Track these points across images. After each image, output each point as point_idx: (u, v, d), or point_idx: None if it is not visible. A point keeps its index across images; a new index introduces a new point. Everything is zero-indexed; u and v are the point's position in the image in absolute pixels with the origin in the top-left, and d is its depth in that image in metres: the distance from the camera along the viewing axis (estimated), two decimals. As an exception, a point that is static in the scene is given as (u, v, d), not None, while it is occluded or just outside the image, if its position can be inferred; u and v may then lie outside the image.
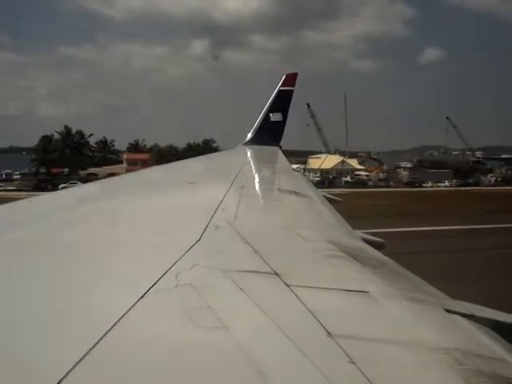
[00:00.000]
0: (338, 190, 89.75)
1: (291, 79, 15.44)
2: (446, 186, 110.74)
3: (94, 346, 1.48)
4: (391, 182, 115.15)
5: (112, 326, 1.61)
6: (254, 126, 15.06)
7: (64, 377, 1.32)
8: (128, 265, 2.39)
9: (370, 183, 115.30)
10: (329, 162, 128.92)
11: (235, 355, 1.52)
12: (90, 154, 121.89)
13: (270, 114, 15.01)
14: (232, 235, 3.07)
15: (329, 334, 1.70)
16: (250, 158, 11.25)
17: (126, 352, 1.53)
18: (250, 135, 14.95)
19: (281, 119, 15.08)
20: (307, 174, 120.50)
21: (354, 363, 1.50)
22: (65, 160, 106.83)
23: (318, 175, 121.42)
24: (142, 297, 1.87)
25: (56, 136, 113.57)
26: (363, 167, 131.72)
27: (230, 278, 2.18)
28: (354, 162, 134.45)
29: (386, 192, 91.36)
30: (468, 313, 2.21)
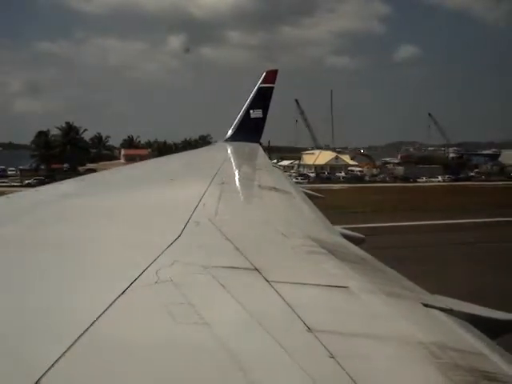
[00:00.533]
0: (337, 186, 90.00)
1: (271, 76, 15.44)
2: (439, 182, 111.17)
3: (75, 341, 1.47)
4: (387, 178, 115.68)
5: (93, 322, 1.60)
6: (234, 122, 15.04)
7: (46, 372, 1.31)
8: (108, 261, 2.38)
9: (366, 179, 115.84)
10: (322, 157, 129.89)
11: (216, 351, 1.52)
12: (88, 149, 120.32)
13: (251, 111, 14.99)
14: (212, 231, 3.07)
15: (309, 329, 1.71)
16: (231, 155, 11.24)
17: (106, 348, 1.52)
18: (230, 132, 14.91)
19: (261, 116, 15.08)
20: (302, 169, 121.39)
21: (333, 358, 1.52)
22: (66, 156, 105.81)
23: (312, 171, 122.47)
24: (122, 293, 1.87)
25: (55, 132, 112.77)
26: (356, 163, 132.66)
27: (211, 274, 2.18)
28: (346, 158, 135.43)
29: (390, 187, 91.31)
30: (446, 307, 2.24)
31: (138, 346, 1.54)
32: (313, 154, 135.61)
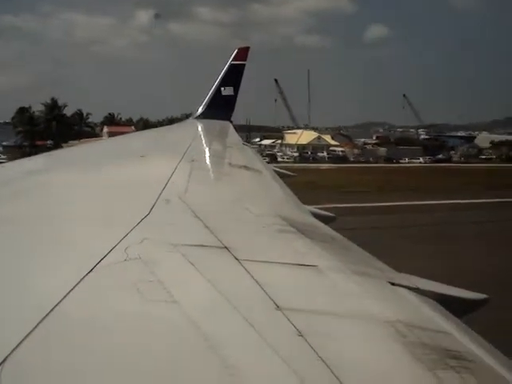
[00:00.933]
0: (325, 166, 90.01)
1: (243, 53, 15.30)
2: (420, 163, 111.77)
3: (43, 319, 1.46)
4: (370, 158, 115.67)
5: (61, 300, 1.59)
6: (205, 99, 14.90)
7: (13, 350, 1.30)
8: (77, 238, 2.35)
9: (351, 159, 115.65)
10: (305, 137, 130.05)
11: (185, 329, 1.53)
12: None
13: (222, 88, 14.86)
14: (182, 209, 3.05)
15: (278, 307, 1.72)
16: (201, 132, 11.15)
17: (74, 326, 1.51)
18: (200, 109, 14.76)
19: (232, 93, 14.98)
20: (284, 149, 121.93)
21: (301, 336, 1.54)
22: (50, 132, 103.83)
23: (295, 150, 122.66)
24: (90, 270, 1.85)
25: (39, 108, 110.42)
26: (337, 143, 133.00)
27: (180, 252, 2.17)
28: (328, 138, 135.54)
29: (378, 167, 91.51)
30: (413, 286, 2.28)
31: (107, 324, 1.53)
32: (295, 133, 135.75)
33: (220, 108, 14.55)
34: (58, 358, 1.35)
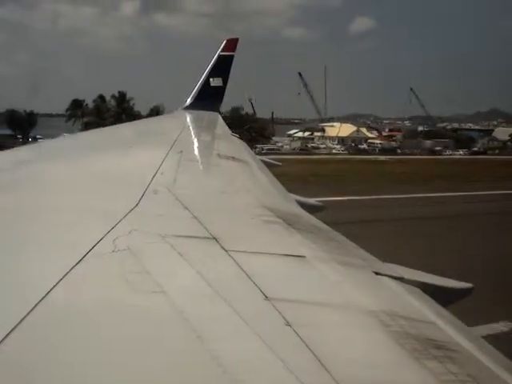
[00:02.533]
0: (382, 158, 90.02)
1: (232, 44, 15.24)
2: (460, 155, 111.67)
3: (31, 310, 1.46)
4: (415, 150, 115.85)
5: (49, 291, 1.59)
6: (194, 90, 14.83)
7: (2, 340, 1.30)
8: (65, 230, 2.35)
9: (398, 151, 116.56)
10: (344, 130, 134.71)
11: (173, 319, 1.53)
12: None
13: (210, 79, 14.80)
14: (171, 200, 3.06)
15: (266, 297, 1.74)
16: (189, 123, 11.11)
17: (63, 317, 1.51)
18: (189, 100, 14.69)
19: (221, 84, 14.93)
20: (324, 141, 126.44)
21: (289, 325, 1.55)
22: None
23: (336, 142, 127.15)
24: (79, 261, 1.85)
25: (108, 100, 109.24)
26: (374, 136, 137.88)
27: (169, 243, 2.18)
28: (365, 131, 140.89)
29: (447, 159, 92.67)
30: (398, 276, 2.31)
31: (95, 315, 1.54)
32: (332, 126, 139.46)
33: (208, 99, 14.49)
34: (46, 349, 1.35)
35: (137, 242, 2.15)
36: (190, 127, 10.60)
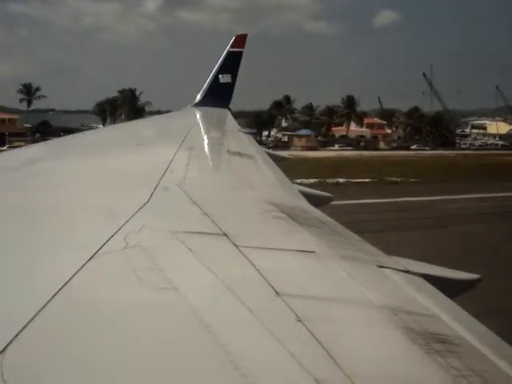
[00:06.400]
0: None
1: (241, 40, 15.19)
2: None
3: (44, 307, 1.47)
4: None
5: (61, 287, 1.60)
6: (203, 87, 14.83)
7: (14, 338, 1.31)
8: (76, 227, 2.37)
9: None
10: (502, 128, 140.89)
11: (184, 315, 1.54)
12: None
13: (220, 76, 14.78)
14: (181, 197, 3.07)
15: (277, 293, 1.74)
16: (199, 120, 11.12)
17: (75, 313, 1.52)
18: (198, 97, 14.68)
19: (230, 81, 14.90)
20: (486, 138, 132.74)
21: (300, 321, 1.56)
22: None
23: (497, 139, 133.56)
24: (90, 258, 1.86)
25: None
26: None
27: (179, 240, 2.19)
28: None
29: None
30: (404, 269, 2.30)
31: (107, 311, 1.55)
32: (491, 124, 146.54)
33: (218, 95, 14.48)
34: (59, 346, 1.36)
35: (148, 238, 2.16)
36: (200, 124, 10.61)
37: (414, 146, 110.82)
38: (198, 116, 11.81)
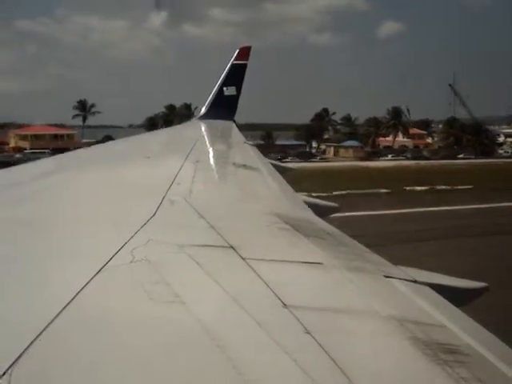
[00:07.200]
0: None
1: (245, 53, 15.26)
2: None
3: (52, 321, 1.48)
4: None
5: (68, 302, 1.60)
6: (208, 100, 14.89)
7: (23, 352, 1.31)
8: (83, 240, 2.37)
9: None
10: None
11: (192, 329, 1.54)
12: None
13: (224, 88, 14.84)
14: (187, 210, 3.07)
15: (284, 305, 1.74)
16: (205, 133, 11.17)
17: (83, 327, 1.52)
18: (203, 109, 14.75)
19: (235, 93, 14.95)
20: None
21: (309, 333, 1.55)
22: None
23: None
24: (97, 272, 1.87)
25: (179, 108, 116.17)
26: None
27: (186, 253, 2.19)
28: None
29: None
30: (410, 278, 2.29)
31: (115, 326, 1.55)
32: None
33: (223, 108, 14.53)
34: (68, 360, 1.36)
35: (155, 251, 2.17)
36: (205, 136, 10.64)
37: (460, 155, 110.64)
38: (203, 128, 11.85)
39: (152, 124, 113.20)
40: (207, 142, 9.61)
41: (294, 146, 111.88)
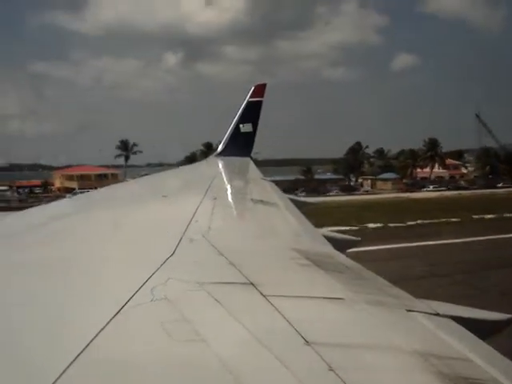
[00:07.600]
0: None
1: (260, 90, 15.46)
2: None
3: (73, 362, 1.47)
4: None
5: (89, 343, 1.60)
6: (225, 137, 15.04)
7: None
8: (102, 280, 2.38)
9: None
10: None
11: (214, 368, 1.52)
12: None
13: (240, 125, 14.99)
14: (206, 247, 3.07)
15: (307, 342, 1.71)
16: (222, 169, 11.26)
17: (103, 368, 1.52)
18: (220, 146, 14.90)
19: (251, 130, 15.09)
20: None
21: (332, 370, 1.53)
22: None
23: None
24: (117, 312, 1.87)
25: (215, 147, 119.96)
26: None
27: (206, 291, 2.18)
28: None
29: None
30: (432, 312, 2.25)
31: (136, 366, 1.54)
32: None
33: (239, 145, 14.66)
34: None
35: (174, 290, 2.16)
36: (223, 173, 10.72)
37: (500, 184, 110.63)
38: (220, 165, 11.95)
39: (191, 161, 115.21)
40: (225, 179, 9.68)
41: (333, 180, 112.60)
